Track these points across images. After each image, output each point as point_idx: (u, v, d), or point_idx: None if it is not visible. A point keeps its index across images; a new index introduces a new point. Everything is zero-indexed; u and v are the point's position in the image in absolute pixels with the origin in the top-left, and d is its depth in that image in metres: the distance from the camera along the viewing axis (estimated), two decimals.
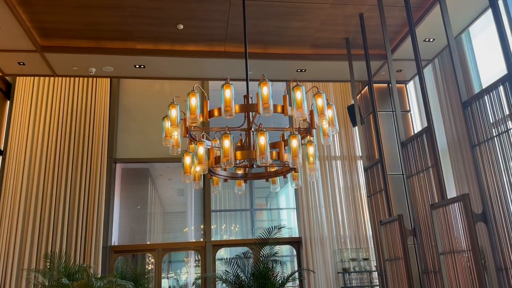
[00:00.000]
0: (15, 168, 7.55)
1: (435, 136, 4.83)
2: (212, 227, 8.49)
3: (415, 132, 7.53)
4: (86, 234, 7.42)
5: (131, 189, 9.14)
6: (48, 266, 5.97)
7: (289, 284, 8.04)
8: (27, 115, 7.89)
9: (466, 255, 3.98)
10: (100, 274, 6.97)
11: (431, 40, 6.48)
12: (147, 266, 8.45)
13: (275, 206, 11.95)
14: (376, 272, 6.85)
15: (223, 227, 10.15)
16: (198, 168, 4.13)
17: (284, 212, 11.09)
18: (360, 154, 8.72)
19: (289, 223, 9.53)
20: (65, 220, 7.40)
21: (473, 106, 4.29)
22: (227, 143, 3.68)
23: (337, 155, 8.87)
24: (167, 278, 9.28)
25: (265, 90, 3.40)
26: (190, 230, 8.85)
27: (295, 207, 9.02)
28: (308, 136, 4.14)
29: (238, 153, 3.98)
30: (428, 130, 4.89)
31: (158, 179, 10.16)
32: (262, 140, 3.64)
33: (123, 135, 8.46)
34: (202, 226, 8.60)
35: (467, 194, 4.00)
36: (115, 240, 8.12)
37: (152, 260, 8.28)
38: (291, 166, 4.11)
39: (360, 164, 8.76)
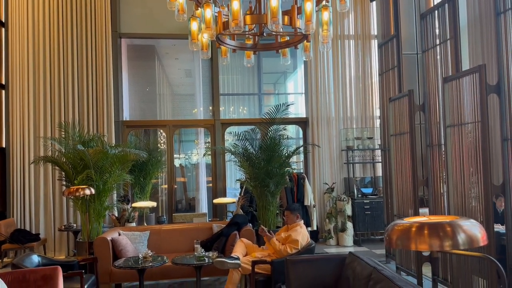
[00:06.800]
0: (19, 41, 7.37)
1: (457, 4, 4.51)
2: (220, 109, 8.57)
3: None
4: (97, 108, 7.53)
5: (138, 67, 9.02)
6: (63, 135, 6.17)
7: (295, 159, 8.40)
8: None
9: (474, 126, 4.00)
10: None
11: None
12: (158, 145, 8.75)
13: (283, 91, 11.91)
14: (380, 150, 7.06)
15: (231, 109, 10.26)
16: (205, 35, 3.98)
17: (291, 97, 11.09)
18: (375, 33, 8.34)
19: (296, 109, 9.57)
20: (75, 93, 7.45)
21: None
22: (236, 4, 3.43)
23: (351, 33, 8.49)
24: (179, 158, 9.68)
25: None
26: (199, 111, 8.96)
27: (303, 91, 8.95)
28: (324, 1, 3.88)
29: (248, 17, 3.77)
30: None
31: (164, 58, 9.96)
32: (274, 2, 3.40)
33: (126, 8, 8.05)
34: (210, 108, 8.69)
35: (484, 64, 3.88)
36: (126, 116, 8.29)
37: (164, 139, 8.54)
38: (304, 32, 3.93)
39: (373, 44, 8.43)
